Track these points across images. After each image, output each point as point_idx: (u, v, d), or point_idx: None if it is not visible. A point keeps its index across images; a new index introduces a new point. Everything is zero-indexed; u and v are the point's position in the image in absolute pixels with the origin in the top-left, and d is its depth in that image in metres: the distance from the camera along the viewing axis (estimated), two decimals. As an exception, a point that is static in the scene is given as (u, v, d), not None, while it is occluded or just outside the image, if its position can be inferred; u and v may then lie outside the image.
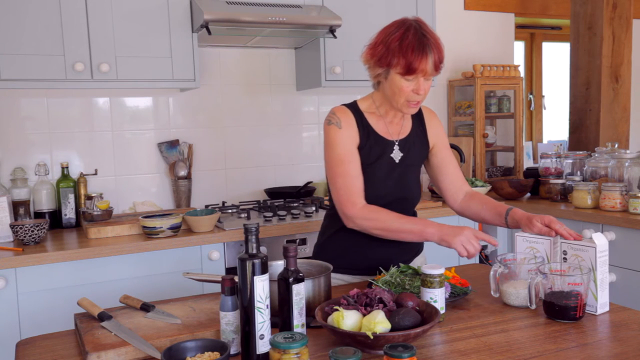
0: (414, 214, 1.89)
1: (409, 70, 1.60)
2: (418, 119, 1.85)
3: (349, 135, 1.71)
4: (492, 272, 1.52)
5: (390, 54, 1.61)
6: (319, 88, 3.00)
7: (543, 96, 4.33)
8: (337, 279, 1.81)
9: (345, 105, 1.78)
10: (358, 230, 1.73)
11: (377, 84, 1.75)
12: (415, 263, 1.86)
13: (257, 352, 1.16)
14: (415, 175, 1.84)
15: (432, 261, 1.95)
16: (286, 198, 2.98)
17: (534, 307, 1.42)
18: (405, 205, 1.80)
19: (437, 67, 1.63)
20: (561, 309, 1.36)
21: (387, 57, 1.62)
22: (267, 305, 1.17)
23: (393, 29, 1.64)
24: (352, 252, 1.79)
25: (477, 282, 1.68)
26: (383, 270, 1.66)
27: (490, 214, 1.77)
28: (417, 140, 1.82)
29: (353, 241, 1.78)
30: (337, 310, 1.24)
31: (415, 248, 1.88)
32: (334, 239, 1.83)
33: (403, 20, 1.65)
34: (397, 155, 1.77)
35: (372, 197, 1.73)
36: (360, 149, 1.73)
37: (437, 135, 1.87)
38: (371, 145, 1.74)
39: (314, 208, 2.70)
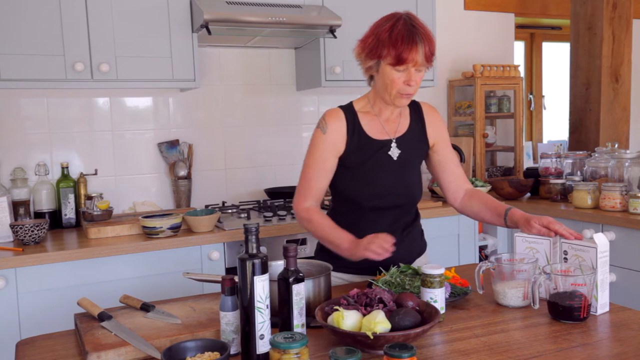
0: (417, 214, 1.88)
1: (399, 60, 1.60)
2: (417, 115, 1.84)
3: (330, 143, 1.74)
4: (476, 269, 1.52)
5: (380, 45, 1.62)
6: (319, 88, 3.00)
7: (543, 96, 4.33)
8: (338, 277, 1.81)
9: (340, 107, 1.79)
10: (357, 230, 1.73)
11: (370, 79, 1.76)
12: (417, 264, 1.85)
13: (257, 352, 1.16)
14: (415, 173, 1.83)
15: (433, 261, 1.95)
16: (286, 198, 2.98)
17: (537, 307, 1.42)
18: (405, 202, 1.80)
19: (428, 58, 1.63)
20: (565, 310, 1.36)
21: (377, 49, 1.63)
22: (267, 305, 1.17)
23: (383, 21, 1.66)
24: None
25: (477, 282, 1.68)
26: (383, 270, 1.66)
27: (490, 214, 1.77)
28: (415, 137, 1.81)
29: None
30: (337, 310, 1.24)
31: (416, 249, 1.87)
32: None
33: (393, 14, 1.67)
34: (394, 152, 1.76)
35: (370, 196, 1.74)
36: (349, 153, 1.75)
37: (438, 132, 1.85)
38: (361, 147, 1.75)
39: (314, 208, 2.70)
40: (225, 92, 3.06)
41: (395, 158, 1.76)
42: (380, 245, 1.51)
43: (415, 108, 1.84)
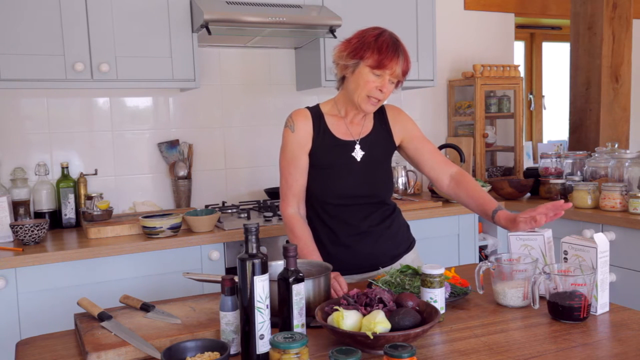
0: (394, 208, 1.90)
1: (379, 65, 1.67)
2: (380, 117, 1.88)
3: (299, 140, 1.79)
4: (476, 269, 1.52)
5: (364, 47, 1.68)
6: (319, 88, 2.99)
7: (543, 96, 4.33)
8: None
9: (308, 107, 1.86)
10: (328, 225, 1.80)
11: (341, 81, 1.81)
12: (406, 260, 1.86)
13: (257, 352, 1.16)
14: (382, 173, 1.86)
15: (433, 261, 1.95)
16: (286, 198, 2.98)
17: (537, 307, 1.42)
18: (371, 201, 1.83)
19: (404, 74, 1.72)
20: (565, 310, 1.36)
21: (360, 50, 1.69)
22: (267, 305, 1.17)
23: (370, 29, 1.73)
24: (335, 252, 1.80)
25: (477, 282, 1.68)
26: (383, 270, 1.66)
27: (478, 210, 1.80)
28: (380, 137, 1.86)
29: (331, 239, 1.81)
30: (337, 310, 1.24)
31: (402, 243, 1.89)
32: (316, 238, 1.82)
33: (378, 27, 1.75)
34: (358, 154, 1.81)
35: (335, 195, 1.79)
36: (315, 151, 1.79)
37: (404, 129, 1.90)
38: (328, 147, 1.79)
39: (314, 208, 2.69)
40: (225, 92, 3.06)
41: (358, 159, 1.80)
42: (336, 288, 1.56)
43: (378, 110, 1.88)
